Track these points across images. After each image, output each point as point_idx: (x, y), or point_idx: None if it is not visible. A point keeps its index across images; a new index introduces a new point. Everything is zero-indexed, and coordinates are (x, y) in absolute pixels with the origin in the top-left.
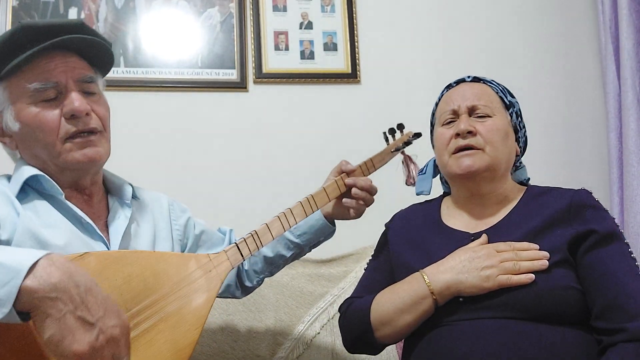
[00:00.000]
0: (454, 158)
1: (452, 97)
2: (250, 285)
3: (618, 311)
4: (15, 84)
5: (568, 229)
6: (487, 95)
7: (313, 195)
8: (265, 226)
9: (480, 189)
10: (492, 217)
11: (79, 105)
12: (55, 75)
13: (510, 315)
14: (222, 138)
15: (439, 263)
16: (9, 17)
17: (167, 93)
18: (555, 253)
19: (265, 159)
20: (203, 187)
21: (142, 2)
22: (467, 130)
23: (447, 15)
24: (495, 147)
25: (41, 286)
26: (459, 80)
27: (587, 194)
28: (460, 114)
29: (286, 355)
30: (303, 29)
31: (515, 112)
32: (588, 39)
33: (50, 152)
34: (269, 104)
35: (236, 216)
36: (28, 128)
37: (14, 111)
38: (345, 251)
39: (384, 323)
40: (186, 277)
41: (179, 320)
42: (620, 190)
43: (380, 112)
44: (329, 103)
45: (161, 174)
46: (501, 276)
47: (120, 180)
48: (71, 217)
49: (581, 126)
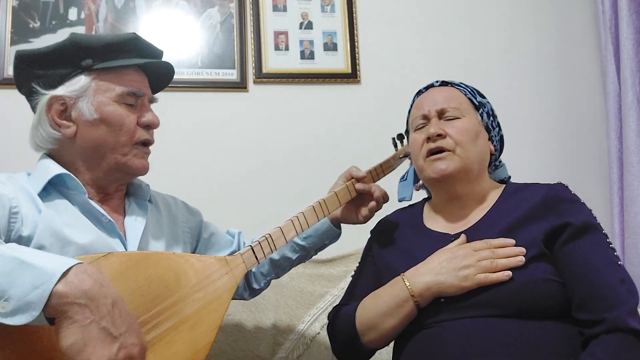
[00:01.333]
0: (428, 162)
1: (422, 102)
2: (258, 287)
3: (597, 301)
4: (107, 79)
5: (543, 223)
6: (456, 97)
7: (325, 200)
8: (279, 230)
9: (457, 190)
10: (471, 217)
11: (155, 119)
12: (141, 88)
13: (491, 313)
14: (222, 138)
15: (419, 265)
16: (9, 17)
17: (167, 93)
18: (531, 247)
19: (265, 158)
20: (203, 187)
21: (142, 2)
22: (437, 133)
23: (447, 16)
24: (466, 147)
25: (72, 291)
26: (428, 85)
27: (562, 187)
28: (430, 118)
29: (286, 355)
30: (303, 29)
31: (486, 112)
32: (588, 39)
33: (117, 150)
34: (269, 104)
35: (236, 216)
36: (106, 123)
37: (95, 102)
38: (345, 251)
39: (369, 328)
40: (204, 279)
41: (197, 322)
42: (620, 191)
43: (380, 112)
44: (329, 103)
45: (161, 174)
46: (479, 275)
47: (139, 181)
48: (91, 216)
49: (581, 126)
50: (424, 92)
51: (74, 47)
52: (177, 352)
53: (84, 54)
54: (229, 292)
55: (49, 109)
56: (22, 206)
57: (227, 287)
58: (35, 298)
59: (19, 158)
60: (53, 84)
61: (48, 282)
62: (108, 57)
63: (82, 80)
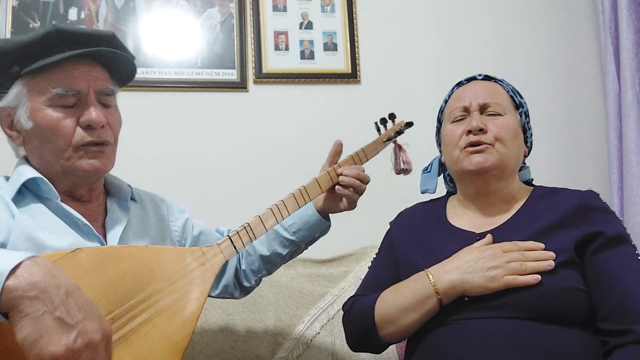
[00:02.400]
0: (465, 153)
1: (463, 94)
2: (249, 285)
3: (624, 313)
4: (36, 84)
5: (575, 230)
6: (499, 93)
7: (305, 187)
8: (257, 218)
9: (489, 186)
10: (498, 217)
11: (97, 117)
12: (78, 84)
13: (515, 315)
14: (222, 138)
15: (444, 262)
16: (9, 17)
17: (167, 93)
18: (561, 254)
19: (265, 158)
20: (203, 187)
21: (142, 2)
22: (479, 128)
23: (447, 16)
24: (506, 145)
25: (21, 285)
26: (470, 77)
27: (594, 195)
28: (471, 111)
29: (286, 355)
30: (303, 29)
31: (524, 113)
32: (588, 39)
33: (59, 156)
34: (269, 104)
35: (236, 216)
36: (41, 129)
37: (29, 110)
38: (345, 251)
39: (388, 322)
40: (180, 271)
41: (174, 314)
42: (620, 191)
43: (380, 112)
44: (329, 103)
45: (160, 174)
46: (507, 277)
47: (119, 182)
48: (67, 220)
49: (581, 126)
50: (465, 83)
51: (1, 55)
52: (154, 344)
53: (9, 61)
54: (206, 283)
55: (0, 121)
56: None
57: (204, 278)
58: None
59: None
60: None
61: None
62: (33, 58)
63: (15, 88)
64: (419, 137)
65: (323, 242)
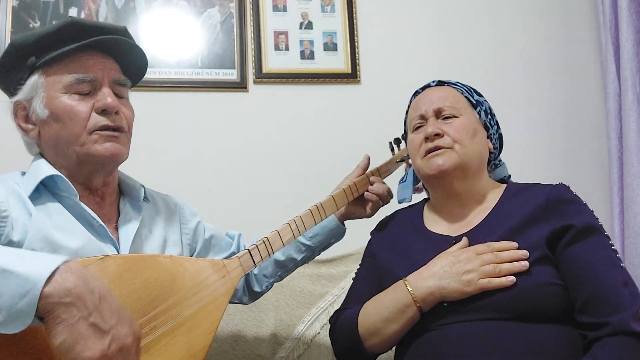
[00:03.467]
0: (425, 160)
1: (419, 102)
2: (259, 290)
3: (600, 304)
4: (52, 73)
5: (546, 225)
6: (452, 96)
7: (322, 203)
8: (276, 233)
9: (455, 188)
10: (472, 219)
11: (112, 101)
12: (94, 71)
13: (494, 316)
14: (222, 138)
15: (421, 270)
16: (9, 17)
17: (167, 93)
18: (534, 250)
19: (265, 159)
20: (203, 187)
21: (142, 2)
22: (435, 133)
23: (447, 15)
24: (464, 145)
25: (56, 291)
26: (425, 86)
27: (564, 188)
28: (427, 117)
29: (286, 355)
30: (303, 29)
31: (484, 111)
32: (588, 39)
33: (74, 142)
34: (269, 104)
35: (236, 216)
36: (57, 116)
37: (45, 98)
38: (345, 251)
39: (372, 333)
40: (201, 282)
41: (194, 325)
42: (620, 191)
43: (380, 112)
44: (329, 103)
45: (160, 174)
46: (482, 280)
47: (132, 181)
48: (82, 220)
49: (581, 126)
50: (421, 92)
51: (16, 50)
52: (173, 355)
53: (25, 53)
54: (226, 296)
55: (15, 115)
56: (12, 210)
57: (223, 290)
58: (25, 306)
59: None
60: (14, 91)
61: (34, 288)
62: (50, 49)
63: (32, 79)
64: None
65: None
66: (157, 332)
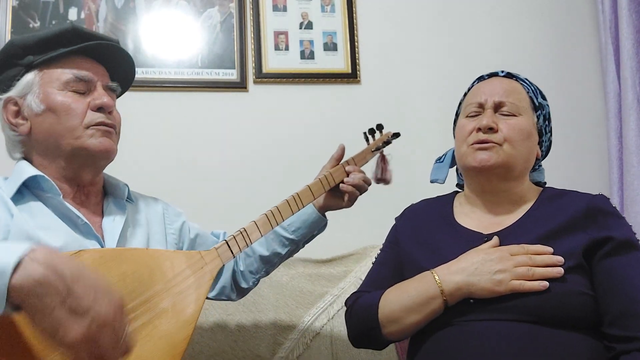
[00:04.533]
0: (471, 149)
1: (481, 90)
2: (246, 286)
3: (632, 319)
4: (49, 72)
5: (584, 235)
6: (517, 93)
7: (298, 193)
8: (253, 223)
9: (492, 185)
10: (506, 218)
11: (107, 100)
12: (87, 73)
13: (520, 318)
14: (222, 138)
15: (450, 263)
16: (9, 17)
17: (167, 93)
18: (569, 258)
19: (265, 159)
20: (202, 187)
21: (142, 2)
22: (489, 126)
23: (447, 15)
24: (514, 146)
25: (25, 283)
26: (492, 73)
27: (604, 199)
28: (486, 108)
29: (286, 355)
30: (303, 29)
31: (543, 115)
32: (588, 39)
33: (69, 135)
34: (269, 104)
35: (236, 216)
36: (54, 110)
37: (41, 94)
38: (345, 251)
39: (391, 320)
40: (179, 274)
41: (174, 316)
42: (620, 191)
43: (380, 112)
44: (329, 103)
45: (160, 174)
46: (514, 281)
47: (115, 181)
48: (66, 219)
49: (581, 126)
50: (486, 79)
51: (13, 48)
52: (154, 346)
53: (23, 52)
54: (205, 286)
55: (4, 111)
56: None
57: (202, 281)
58: None
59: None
60: (5, 88)
61: (2, 277)
62: (48, 50)
63: (27, 77)
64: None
65: (323, 242)
66: (136, 324)
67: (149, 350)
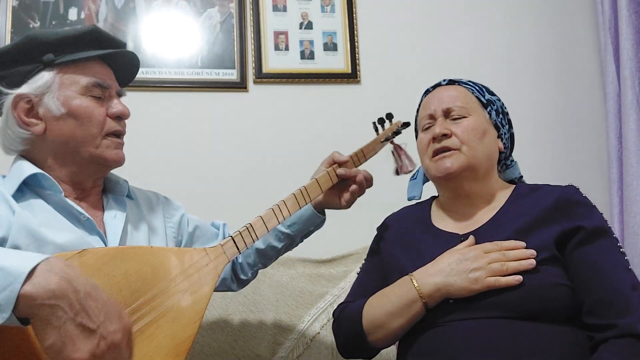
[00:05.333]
0: (433, 162)
1: (428, 102)
2: (245, 277)
3: (608, 306)
4: (70, 74)
5: (555, 226)
6: (463, 96)
7: (306, 187)
8: (259, 218)
9: (463, 189)
10: (480, 217)
11: (125, 109)
12: (105, 79)
13: (500, 314)
14: (222, 138)
15: (427, 266)
16: (9, 17)
17: (167, 93)
18: (543, 251)
19: (265, 158)
20: (203, 187)
21: (142, 2)
22: (442, 133)
23: (447, 16)
24: (472, 146)
25: (39, 293)
26: (436, 84)
27: (574, 190)
28: (436, 117)
29: (286, 354)
30: (303, 29)
31: (495, 110)
32: (588, 39)
33: (89, 143)
34: (269, 104)
35: (236, 216)
36: (76, 115)
37: (62, 97)
38: (345, 251)
39: (376, 327)
40: (184, 272)
41: (178, 315)
42: (620, 190)
43: (380, 112)
44: (329, 103)
45: (160, 174)
46: (489, 278)
47: (115, 177)
48: (69, 215)
49: (581, 126)
50: (431, 91)
51: (33, 43)
52: (159, 345)
53: (43, 49)
54: (211, 284)
55: (14, 108)
56: None
57: (208, 279)
58: (3, 300)
59: None
60: (17, 83)
61: (14, 282)
62: (68, 50)
63: (45, 76)
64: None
65: (323, 242)
66: (140, 323)
67: (154, 349)
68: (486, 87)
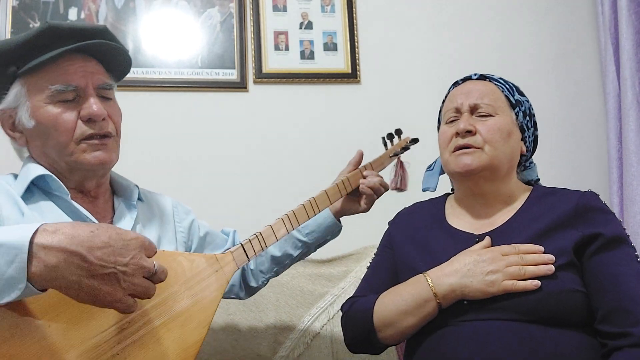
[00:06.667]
0: (453, 156)
1: (456, 95)
2: (255, 285)
3: (623, 315)
4: (34, 82)
5: (574, 232)
6: (492, 93)
7: (315, 198)
8: (269, 227)
9: (481, 188)
10: (496, 218)
11: (97, 109)
12: (75, 79)
13: (514, 317)
14: (222, 138)
15: (443, 265)
16: (9, 17)
17: (167, 93)
18: (560, 256)
19: (265, 159)
20: (203, 187)
21: (142, 2)
22: (466, 130)
23: (447, 16)
24: (495, 146)
25: (43, 273)
26: (466, 77)
27: (594, 196)
28: (462, 112)
29: (287, 354)
30: (303, 29)
31: (522, 112)
32: (588, 39)
33: (62, 152)
34: (269, 104)
35: (236, 216)
36: (43, 126)
37: (30, 108)
38: (345, 251)
39: (387, 324)
40: (194, 276)
41: (187, 319)
42: (620, 191)
43: (380, 112)
44: (329, 103)
45: (161, 174)
46: (506, 282)
47: (126, 182)
48: (76, 218)
49: (581, 126)
50: (460, 83)
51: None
52: (167, 348)
53: (6, 62)
54: (220, 290)
55: (2, 123)
56: (3, 208)
57: (217, 285)
58: (15, 272)
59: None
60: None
61: (20, 253)
62: (29, 57)
63: (14, 88)
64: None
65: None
66: (151, 325)
67: (161, 352)
68: (517, 86)
